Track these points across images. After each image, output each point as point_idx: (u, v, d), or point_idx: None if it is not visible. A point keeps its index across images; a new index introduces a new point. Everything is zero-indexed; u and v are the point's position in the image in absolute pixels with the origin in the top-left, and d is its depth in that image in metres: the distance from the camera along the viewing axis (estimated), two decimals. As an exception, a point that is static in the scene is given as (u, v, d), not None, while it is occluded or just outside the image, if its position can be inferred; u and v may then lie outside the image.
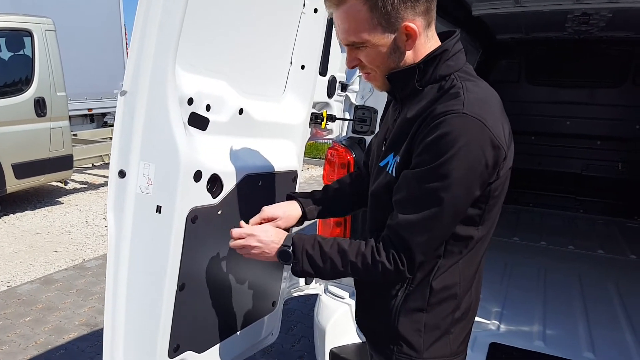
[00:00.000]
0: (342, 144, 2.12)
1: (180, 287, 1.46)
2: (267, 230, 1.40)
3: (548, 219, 4.45)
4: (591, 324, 2.45)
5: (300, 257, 1.30)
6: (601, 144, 4.54)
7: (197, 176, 1.43)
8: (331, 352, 2.12)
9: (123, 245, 1.41)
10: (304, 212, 1.55)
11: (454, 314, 1.31)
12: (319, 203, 1.59)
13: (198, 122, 1.48)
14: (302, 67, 1.87)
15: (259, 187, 1.71)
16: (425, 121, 1.16)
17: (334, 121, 2.09)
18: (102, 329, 3.72)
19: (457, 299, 1.30)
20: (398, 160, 1.24)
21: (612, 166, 4.49)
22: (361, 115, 2.15)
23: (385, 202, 1.27)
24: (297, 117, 1.89)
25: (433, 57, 1.22)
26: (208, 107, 1.51)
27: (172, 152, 1.37)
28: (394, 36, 1.19)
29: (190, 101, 1.44)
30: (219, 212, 1.55)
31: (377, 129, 2.14)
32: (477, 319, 2.35)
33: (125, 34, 9.88)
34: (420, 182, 1.15)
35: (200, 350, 1.62)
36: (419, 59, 1.23)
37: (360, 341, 2.18)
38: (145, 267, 1.42)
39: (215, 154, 1.52)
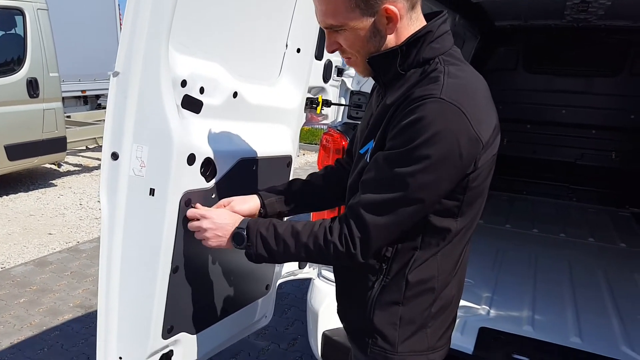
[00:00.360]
0: (338, 130, 2.12)
1: (174, 270, 1.47)
2: (222, 213, 1.37)
3: (541, 207, 4.48)
4: (579, 310, 2.48)
5: (254, 240, 1.26)
6: (596, 133, 4.55)
7: (191, 159, 1.43)
8: (324, 334, 2.15)
9: (116, 227, 1.41)
10: (263, 204, 1.50)
11: (430, 308, 1.27)
12: (282, 196, 1.53)
13: (191, 104, 1.47)
14: (298, 50, 1.86)
15: (253, 172, 1.71)
16: (401, 105, 1.11)
17: (330, 106, 2.08)
18: (95, 311, 3.74)
19: (434, 293, 1.26)
20: (372, 145, 1.20)
21: (606, 156, 4.51)
22: (357, 101, 2.14)
23: None
24: (292, 101, 1.89)
25: (416, 39, 1.16)
26: (202, 90, 1.50)
27: (165, 135, 1.36)
28: (373, 19, 1.13)
29: (184, 83, 1.43)
30: (213, 196, 1.55)
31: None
32: (467, 303, 2.41)
33: (120, 14, 9.75)
34: (389, 165, 1.10)
35: (193, 331, 1.64)
36: (402, 40, 1.17)
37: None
38: (139, 250, 1.43)
39: (209, 137, 1.52)
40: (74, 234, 5.28)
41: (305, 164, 9.17)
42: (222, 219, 1.34)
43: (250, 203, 1.49)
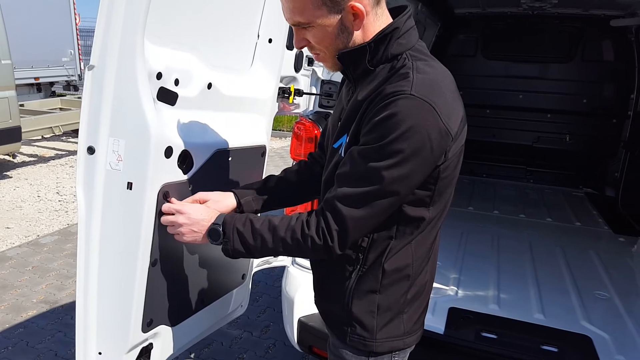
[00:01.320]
0: (309, 119, 2.14)
1: (153, 263, 1.47)
2: (198, 208, 1.36)
3: (501, 189, 4.65)
4: (541, 288, 2.62)
5: (230, 235, 1.26)
6: (551, 117, 4.74)
7: (168, 152, 1.42)
8: (299, 321, 2.19)
9: (94, 222, 1.40)
10: (239, 202, 1.50)
11: (407, 295, 1.31)
12: (258, 193, 1.53)
13: (167, 97, 1.46)
14: (270, 40, 1.86)
15: (229, 163, 1.72)
16: (374, 101, 1.14)
17: (301, 96, 2.09)
18: (61, 306, 3.65)
19: (409, 279, 1.30)
20: (347, 140, 1.22)
21: (561, 139, 4.71)
22: (328, 90, 2.17)
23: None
24: (266, 91, 1.89)
25: (384, 36, 1.19)
26: (177, 82, 1.48)
27: (142, 128, 1.35)
28: (340, 16, 1.15)
29: (159, 75, 1.41)
30: (190, 188, 1.55)
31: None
32: (437, 285, 2.50)
33: (73, -1, 9.36)
34: (364, 160, 1.13)
35: (173, 323, 1.65)
36: (369, 38, 1.20)
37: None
38: (117, 244, 1.42)
39: (185, 129, 1.51)
40: (34, 227, 5.11)
41: (270, 150, 9.11)
42: (198, 215, 1.34)
43: (226, 202, 1.48)
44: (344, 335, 1.35)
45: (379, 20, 1.20)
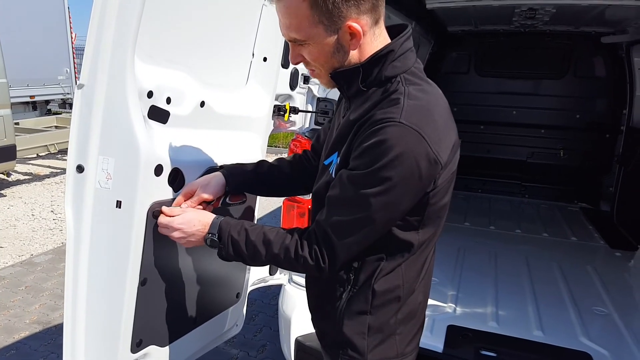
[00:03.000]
0: (305, 136, 2.14)
1: (142, 282, 1.45)
2: (190, 219, 1.35)
3: (496, 204, 4.65)
4: (539, 304, 2.59)
5: (226, 241, 1.29)
6: (545, 132, 4.77)
7: (158, 170, 1.41)
8: (296, 340, 2.15)
9: (83, 241, 1.38)
10: (227, 182, 1.50)
11: (396, 316, 1.30)
12: (248, 176, 1.54)
13: (158, 115, 1.45)
14: (265, 59, 1.86)
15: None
16: (363, 126, 1.14)
17: (297, 113, 2.10)
18: (54, 327, 3.59)
19: (400, 301, 1.29)
20: (337, 161, 1.23)
21: (555, 153, 4.74)
22: (324, 107, 2.17)
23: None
24: (260, 109, 1.89)
25: (378, 58, 1.18)
26: (169, 100, 1.48)
27: (131, 146, 1.34)
28: (336, 36, 1.15)
29: (150, 94, 1.41)
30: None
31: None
32: (435, 302, 2.48)
33: (70, 17, 9.42)
34: (353, 185, 1.14)
35: (163, 344, 1.62)
36: (365, 58, 1.19)
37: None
38: (106, 263, 1.40)
39: (177, 147, 1.50)
40: (27, 247, 5.05)
41: (265, 167, 9.11)
42: (191, 227, 1.34)
43: (214, 185, 1.47)
44: (336, 356, 1.34)
45: (376, 40, 1.19)
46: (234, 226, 1.30)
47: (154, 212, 1.42)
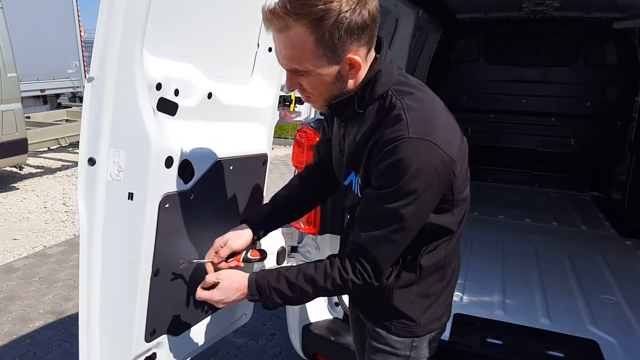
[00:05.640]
0: (311, 126, 2.14)
1: (155, 273, 1.47)
2: (228, 290, 1.37)
3: (505, 193, 4.63)
4: (547, 293, 2.60)
5: (269, 294, 1.32)
6: (555, 120, 4.73)
7: (169, 162, 1.43)
8: (304, 328, 2.18)
9: (95, 233, 1.40)
10: (255, 233, 1.55)
11: (441, 282, 1.43)
12: (269, 221, 1.61)
13: (167, 107, 1.47)
14: (270, 49, 1.86)
15: (230, 172, 1.72)
16: (375, 147, 1.19)
17: (303, 103, 2.10)
18: (68, 317, 3.66)
19: (443, 269, 1.41)
20: (359, 181, 1.29)
21: (565, 142, 4.70)
22: (328, 98, 2.16)
23: None
24: (266, 100, 1.90)
25: (368, 81, 1.23)
26: (177, 92, 1.49)
27: (142, 139, 1.36)
28: (338, 67, 1.19)
29: (159, 86, 1.42)
30: (191, 198, 1.55)
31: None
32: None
33: (78, 11, 9.45)
34: (381, 203, 1.20)
35: (176, 333, 1.65)
36: (358, 83, 1.24)
37: (332, 317, 2.25)
38: (119, 254, 1.42)
39: (186, 139, 1.52)
40: (40, 239, 5.13)
41: (274, 158, 9.15)
42: (231, 296, 1.37)
43: (244, 237, 1.52)
44: (389, 326, 1.44)
45: (367, 64, 1.24)
46: (270, 277, 1.33)
47: (165, 204, 1.43)
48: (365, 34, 1.16)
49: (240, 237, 1.52)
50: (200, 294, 1.41)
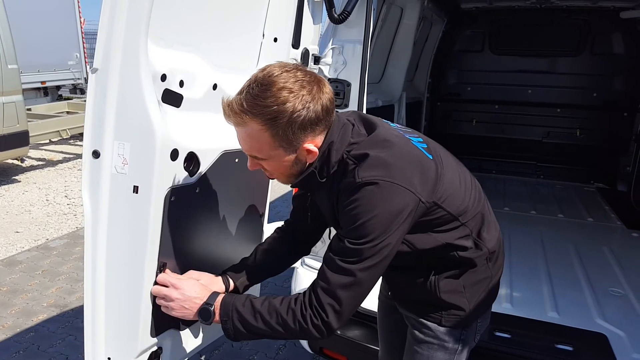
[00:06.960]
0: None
1: (161, 267, 1.45)
2: (193, 285, 1.41)
3: (511, 185, 4.61)
4: (554, 285, 2.58)
5: (231, 314, 1.32)
6: (561, 111, 4.69)
7: (174, 155, 1.41)
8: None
9: (100, 227, 1.38)
10: (228, 286, 1.55)
11: (488, 264, 1.43)
12: (247, 274, 1.59)
13: (172, 99, 1.44)
14: (275, 39, 1.84)
15: (235, 164, 1.70)
16: (340, 195, 1.26)
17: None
18: (71, 310, 3.64)
19: (485, 257, 1.41)
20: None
21: (571, 133, 4.66)
22: (334, 89, 2.14)
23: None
24: (272, 91, 1.87)
25: (323, 154, 1.28)
26: (181, 83, 1.47)
27: (147, 131, 1.33)
28: (295, 155, 1.26)
29: (164, 77, 1.40)
30: (197, 191, 1.53)
31: (350, 103, 2.14)
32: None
33: (78, 2, 9.38)
34: (349, 245, 1.21)
35: (182, 327, 1.63)
36: (316, 157, 1.29)
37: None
38: (125, 248, 1.40)
39: (191, 131, 1.49)
40: (43, 231, 5.13)
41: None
42: (192, 292, 1.39)
43: (217, 286, 1.53)
44: (440, 317, 1.45)
45: (324, 138, 1.28)
46: (238, 298, 1.34)
47: (171, 197, 1.41)
48: (320, 125, 1.23)
49: (214, 281, 1.53)
50: (161, 277, 1.42)
